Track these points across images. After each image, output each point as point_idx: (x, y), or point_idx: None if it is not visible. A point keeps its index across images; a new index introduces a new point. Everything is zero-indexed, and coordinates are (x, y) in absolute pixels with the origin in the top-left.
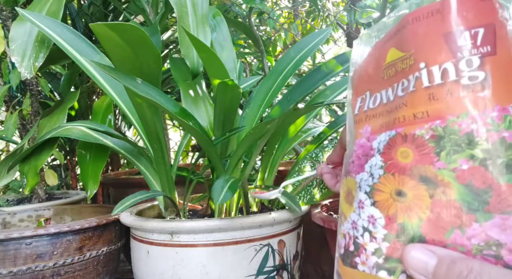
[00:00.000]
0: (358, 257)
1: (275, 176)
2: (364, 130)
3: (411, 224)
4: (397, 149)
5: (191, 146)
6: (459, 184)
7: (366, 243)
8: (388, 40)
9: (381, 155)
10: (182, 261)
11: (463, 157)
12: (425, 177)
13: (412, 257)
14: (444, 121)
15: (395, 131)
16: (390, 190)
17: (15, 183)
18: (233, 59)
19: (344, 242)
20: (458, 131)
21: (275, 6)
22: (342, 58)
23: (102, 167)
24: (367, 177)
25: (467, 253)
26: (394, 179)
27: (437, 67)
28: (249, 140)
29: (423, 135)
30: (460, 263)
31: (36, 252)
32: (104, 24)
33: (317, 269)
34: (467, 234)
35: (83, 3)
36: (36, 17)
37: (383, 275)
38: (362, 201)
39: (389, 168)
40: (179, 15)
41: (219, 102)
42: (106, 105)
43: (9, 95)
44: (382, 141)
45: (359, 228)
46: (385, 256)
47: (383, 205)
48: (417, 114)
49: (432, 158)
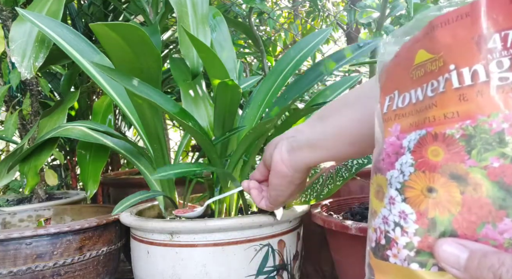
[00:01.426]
0: (390, 250)
1: None
2: (393, 129)
3: (442, 219)
4: (428, 147)
5: (191, 146)
6: (490, 181)
7: (398, 237)
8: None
9: (412, 153)
10: (182, 261)
11: (494, 155)
12: (456, 174)
13: (444, 250)
14: (474, 121)
15: (426, 131)
16: (421, 187)
17: (15, 183)
18: (233, 59)
19: (375, 236)
20: (489, 131)
21: (275, 6)
22: (337, 56)
23: (102, 167)
24: (397, 174)
25: (498, 246)
26: (425, 176)
27: (467, 69)
28: (249, 140)
29: (453, 135)
30: (492, 256)
31: (36, 252)
32: (104, 24)
33: (317, 269)
34: (499, 229)
35: (83, 3)
36: (36, 17)
37: (414, 267)
38: (393, 197)
39: (420, 166)
40: (179, 15)
41: (219, 102)
42: (106, 105)
43: (9, 95)
44: (412, 139)
45: (390, 222)
46: (417, 249)
47: (414, 201)
48: (447, 114)
49: (463, 156)
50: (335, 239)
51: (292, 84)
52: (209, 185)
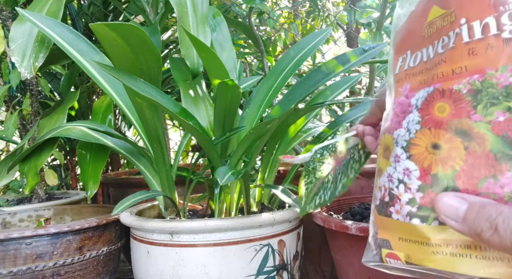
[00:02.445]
0: (393, 207)
1: (275, 176)
2: (403, 88)
3: (445, 175)
4: (435, 104)
5: (191, 146)
6: (494, 135)
7: (401, 194)
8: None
9: (419, 111)
10: (182, 261)
11: (500, 109)
12: (461, 130)
13: (444, 203)
14: (482, 75)
15: (433, 87)
16: (426, 143)
17: (15, 183)
18: (233, 59)
19: (380, 194)
20: (496, 85)
21: (275, 6)
22: (342, 59)
23: (102, 167)
24: (404, 132)
25: (499, 200)
26: (430, 133)
27: (478, 22)
28: (249, 140)
29: (460, 90)
30: (490, 207)
31: (36, 252)
32: (104, 24)
33: (317, 269)
34: (500, 183)
35: (83, 3)
36: (36, 17)
37: (416, 222)
38: (398, 155)
39: (426, 123)
40: (179, 15)
41: (219, 102)
42: (106, 105)
43: (9, 95)
44: (421, 97)
45: (394, 180)
46: (419, 205)
47: (418, 158)
48: (455, 69)
49: (469, 111)
50: (335, 239)
51: (296, 85)
52: (209, 185)
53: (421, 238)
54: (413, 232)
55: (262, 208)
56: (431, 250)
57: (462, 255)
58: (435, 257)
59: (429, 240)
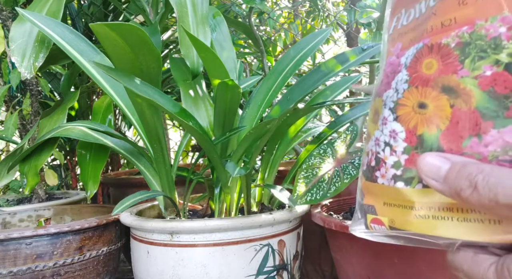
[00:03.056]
0: (378, 171)
1: (275, 176)
2: (395, 48)
3: (430, 135)
4: (423, 60)
5: (191, 146)
6: (480, 91)
7: (387, 157)
8: None
9: (407, 69)
10: (182, 261)
11: (488, 63)
12: (447, 87)
13: (426, 162)
14: (471, 26)
15: (422, 43)
16: (413, 103)
17: (15, 183)
18: (233, 59)
19: (367, 159)
20: (485, 36)
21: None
22: (341, 58)
23: (102, 167)
24: (392, 93)
25: (482, 160)
26: (417, 92)
27: None
28: (249, 140)
29: (449, 44)
30: (471, 166)
31: (36, 252)
32: (104, 24)
33: (317, 269)
34: (484, 141)
35: (83, 3)
36: (36, 17)
37: (400, 186)
38: (385, 117)
39: (414, 81)
40: (179, 15)
41: (219, 102)
42: (106, 105)
43: (9, 95)
44: (410, 55)
45: (381, 143)
46: (403, 168)
47: (404, 119)
48: (444, 22)
49: (456, 66)
50: (335, 239)
51: (295, 85)
52: (209, 185)
53: (405, 201)
54: (397, 196)
55: (262, 208)
56: (414, 214)
57: (444, 217)
58: (418, 220)
59: (413, 204)
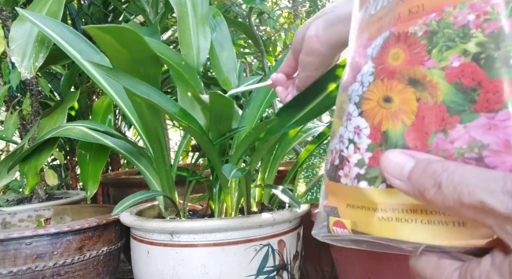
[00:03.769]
0: (342, 170)
1: (275, 176)
2: (362, 38)
3: (395, 131)
4: (389, 50)
5: (191, 146)
6: (447, 84)
7: (350, 155)
8: None
9: (373, 60)
10: (182, 261)
11: (455, 53)
12: (413, 79)
13: (389, 159)
14: (439, 13)
15: (389, 32)
16: (378, 97)
17: (15, 183)
18: (233, 60)
19: (331, 157)
20: (453, 24)
21: (275, 6)
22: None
23: (102, 167)
24: (357, 86)
25: (448, 157)
26: (382, 85)
27: None
28: (249, 140)
29: (416, 32)
30: (436, 164)
31: (36, 252)
32: (96, 27)
33: (317, 269)
34: (450, 137)
35: (83, 3)
36: (36, 17)
37: (363, 186)
38: (350, 113)
39: (379, 73)
40: (179, 15)
41: (214, 110)
42: (106, 105)
43: (9, 95)
44: (377, 45)
45: (345, 140)
46: (367, 167)
47: (369, 114)
48: (412, 9)
49: (423, 56)
50: None
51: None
52: (209, 185)
53: (368, 203)
54: (360, 197)
55: (262, 208)
56: (377, 216)
57: (408, 220)
58: (381, 223)
59: (376, 205)
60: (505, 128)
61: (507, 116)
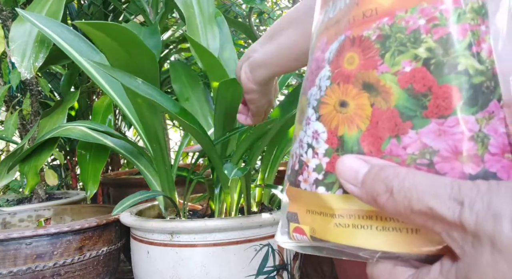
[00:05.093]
0: (301, 175)
1: (275, 176)
2: (320, 42)
3: (350, 136)
4: (345, 55)
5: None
6: (399, 89)
7: (309, 160)
8: None
9: (330, 65)
10: (182, 261)
11: (407, 58)
12: (368, 84)
13: (344, 165)
14: (392, 18)
15: (344, 36)
16: (335, 101)
17: (15, 183)
18: (234, 60)
19: (292, 162)
20: (405, 29)
21: (275, 6)
22: None
23: (102, 167)
24: (316, 90)
25: (401, 163)
26: (339, 89)
27: None
28: (250, 140)
29: (370, 36)
30: (388, 169)
31: (36, 252)
32: (87, 23)
33: (317, 269)
34: (403, 143)
35: (83, 3)
36: (36, 18)
37: (321, 191)
38: (309, 117)
39: (335, 77)
40: (186, 16)
41: (220, 102)
42: (106, 105)
43: (9, 95)
44: (333, 49)
45: (304, 145)
46: (325, 172)
47: (326, 118)
48: (366, 12)
49: (376, 61)
50: None
51: (298, 87)
52: (209, 185)
53: (326, 208)
54: (318, 202)
55: (262, 208)
56: (334, 222)
57: (364, 226)
58: (338, 229)
59: (333, 211)
60: (454, 134)
61: (456, 122)
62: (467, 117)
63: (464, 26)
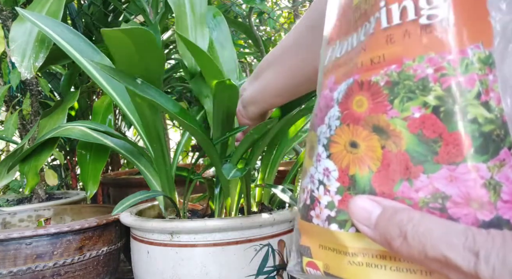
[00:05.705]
0: (313, 210)
1: (275, 176)
2: (329, 80)
3: (362, 176)
4: (354, 97)
5: (191, 145)
6: (410, 134)
7: (321, 196)
8: None
9: (339, 105)
10: (182, 261)
11: (416, 104)
12: (377, 127)
13: (357, 205)
14: (399, 65)
15: (353, 79)
16: (345, 141)
17: (15, 183)
18: (234, 60)
19: (303, 196)
20: (413, 77)
21: (275, 6)
22: None
23: (102, 167)
24: (325, 129)
25: (413, 206)
26: (348, 130)
27: (397, 5)
28: (250, 140)
29: (378, 82)
30: (402, 213)
31: (36, 252)
32: (119, 30)
33: None
34: (415, 186)
35: (83, 3)
36: (36, 17)
37: (334, 228)
38: (319, 154)
39: (345, 119)
40: (177, 14)
41: (217, 102)
42: (106, 105)
43: (9, 95)
44: (342, 90)
45: (315, 181)
46: (337, 209)
47: (337, 157)
48: (374, 59)
49: (386, 106)
50: None
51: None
52: (209, 185)
53: (339, 246)
54: (332, 239)
55: (262, 208)
56: (348, 260)
57: (378, 266)
58: (351, 267)
59: (346, 249)
60: (466, 181)
61: (467, 170)
62: (478, 165)
63: (472, 76)
